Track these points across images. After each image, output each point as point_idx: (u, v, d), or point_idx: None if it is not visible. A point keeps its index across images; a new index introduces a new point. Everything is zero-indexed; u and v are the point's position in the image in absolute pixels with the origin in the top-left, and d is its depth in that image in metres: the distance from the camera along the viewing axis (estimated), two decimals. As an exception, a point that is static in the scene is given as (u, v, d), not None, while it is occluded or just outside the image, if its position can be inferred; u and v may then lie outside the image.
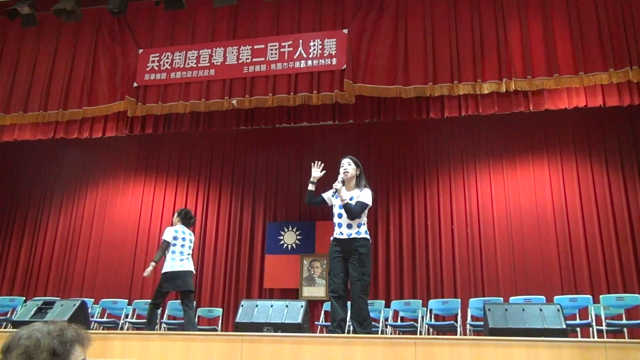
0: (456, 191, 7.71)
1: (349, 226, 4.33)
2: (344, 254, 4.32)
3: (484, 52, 5.81)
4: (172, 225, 5.99)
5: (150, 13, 6.88)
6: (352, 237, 4.30)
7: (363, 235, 4.32)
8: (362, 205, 4.30)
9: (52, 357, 1.29)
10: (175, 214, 5.99)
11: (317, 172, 4.47)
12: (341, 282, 4.30)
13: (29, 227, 9.04)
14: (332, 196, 4.44)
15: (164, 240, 5.65)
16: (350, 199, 4.32)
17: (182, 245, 5.63)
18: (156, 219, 8.61)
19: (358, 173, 4.48)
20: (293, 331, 4.20)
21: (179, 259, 5.55)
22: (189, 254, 5.72)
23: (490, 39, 5.84)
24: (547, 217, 7.20)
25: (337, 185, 4.29)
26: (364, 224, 4.37)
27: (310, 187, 4.45)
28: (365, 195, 4.35)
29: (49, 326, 1.33)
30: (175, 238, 5.64)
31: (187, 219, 5.91)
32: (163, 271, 5.59)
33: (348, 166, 4.43)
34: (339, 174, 4.42)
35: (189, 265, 5.63)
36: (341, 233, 4.35)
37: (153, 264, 5.61)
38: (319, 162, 4.54)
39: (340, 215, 4.37)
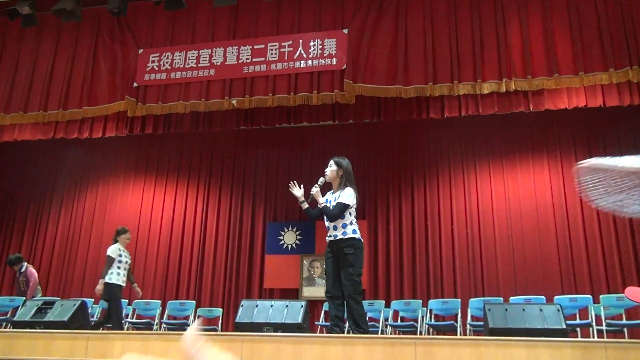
0: (456, 191, 7.71)
1: (335, 228, 4.32)
2: (334, 255, 4.33)
3: (484, 52, 5.82)
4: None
5: (150, 13, 6.88)
6: (338, 238, 4.29)
7: (350, 235, 4.26)
8: (340, 206, 4.26)
9: None
10: None
11: (298, 191, 4.45)
12: (334, 282, 4.31)
13: (29, 227, 9.04)
14: (326, 200, 4.46)
15: None
16: (334, 200, 4.33)
17: None
18: (156, 219, 8.61)
19: (341, 174, 4.42)
20: (293, 331, 4.20)
21: None
22: None
23: (490, 39, 5.84)
24: (547, 217, 7.20)
25: (313, 190, 4.34)
26: (350, 223, 4.30)
27: (304, 206, 4.43)
28: (344, 196, 4.29)
29: None
30: None
31: None
32: None
33: (328, 168, 4.45)
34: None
35: None
36: (329, 235, 4.37)
37: None
38: (293, 181, 4.54)
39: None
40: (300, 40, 6.27)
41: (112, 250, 6.24)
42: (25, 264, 7.25)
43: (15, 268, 7.22)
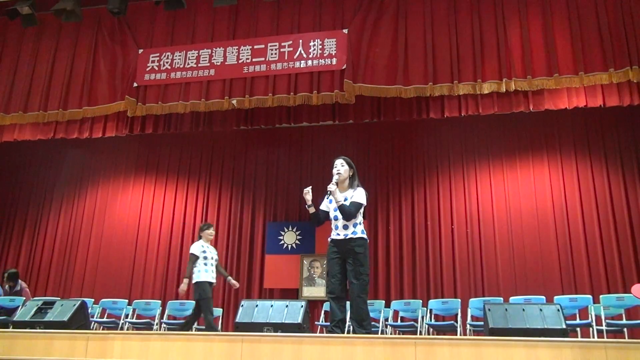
0: (456, 191, 7.71)
1: (345, 227, 4.31)
2: (342, 255, 4.31)
3: (484, 52, 5.82)
4: None
5: (150, 13, 6.88)
6: (348, 237, 4.28)
7: (359, 235, 4.29)
8: (356, 205, 4.28)
9: None
10: None
11: (308, 194, 4.38)
12: (339, 283, 4.29)
13: (29, 227, 9.04)
14: (327, 199, 4.44)
15: None
16: (345, 200, 4.32)
17: None
18: (156, 219, 8.61)
19: (351, 174, 4.44)
20: (293, 331, 4.20)
21: None
22: None
23: (490, 39, 5.84)
24: (547, 217, 7.20)
25: (331, 187, 4.29)
26: (359, 223, 4.32)
27: (311, 210, 4.40)
28: (359, 195, 4.32)
29: None
30: None
31: None
32: None
33: (341, 167, 4.41)
34: (332, 175, 4.41)
35: None
36: (338, 234, 4.34)
37: None
38: (310, 187, 4.46)
39: (336, 217, 4.37)
40: (300, 40, 6.28)
41: (195, 247, 6.12)
42: (20, 282, 7.23)
43: (9, 283, 7.11)
